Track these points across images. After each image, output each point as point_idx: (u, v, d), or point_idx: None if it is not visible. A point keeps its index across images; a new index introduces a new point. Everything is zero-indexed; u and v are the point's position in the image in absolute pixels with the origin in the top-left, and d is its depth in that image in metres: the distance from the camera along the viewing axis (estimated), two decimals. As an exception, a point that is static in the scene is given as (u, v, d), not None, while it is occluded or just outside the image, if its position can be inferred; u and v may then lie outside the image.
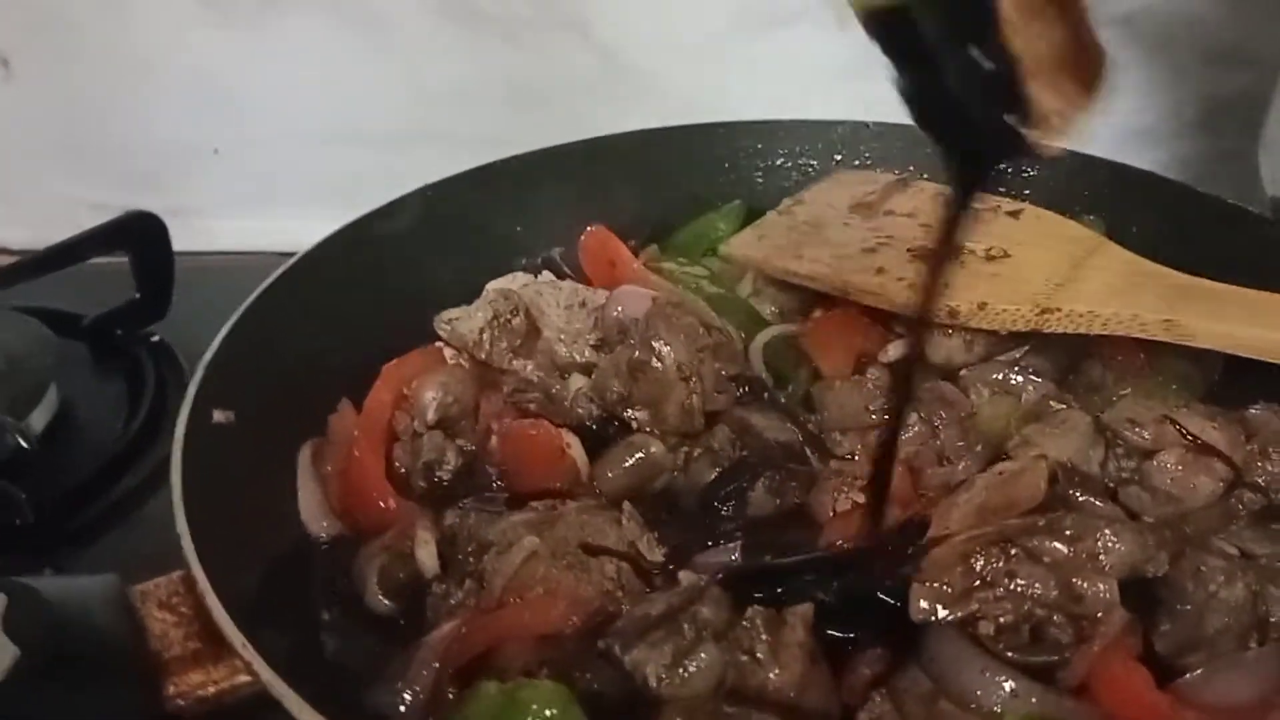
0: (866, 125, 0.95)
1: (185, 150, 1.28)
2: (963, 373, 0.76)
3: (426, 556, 0.63)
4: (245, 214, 1.28)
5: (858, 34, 1.24)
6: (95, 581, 0.56)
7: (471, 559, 0.62)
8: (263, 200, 1.27)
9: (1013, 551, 0.57)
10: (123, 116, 1.27)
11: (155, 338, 1.05)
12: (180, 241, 1.06)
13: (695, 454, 0.72)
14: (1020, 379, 0.74)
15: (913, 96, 0.53)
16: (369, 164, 1.22)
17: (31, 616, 0.51)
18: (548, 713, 0.52)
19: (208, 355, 0.68)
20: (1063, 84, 0.48)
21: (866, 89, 1.23)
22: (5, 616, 0.51)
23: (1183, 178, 1.23)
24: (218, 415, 0.66)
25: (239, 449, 0.66)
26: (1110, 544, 0.56)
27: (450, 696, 0.56)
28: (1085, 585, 0.56)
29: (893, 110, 1.02)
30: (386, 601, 0.63)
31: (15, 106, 1.27)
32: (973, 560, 0.57)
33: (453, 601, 0.61)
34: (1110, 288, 0.74)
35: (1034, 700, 0.53)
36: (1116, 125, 1.27)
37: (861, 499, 0.66)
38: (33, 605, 0.52)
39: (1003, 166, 0.53)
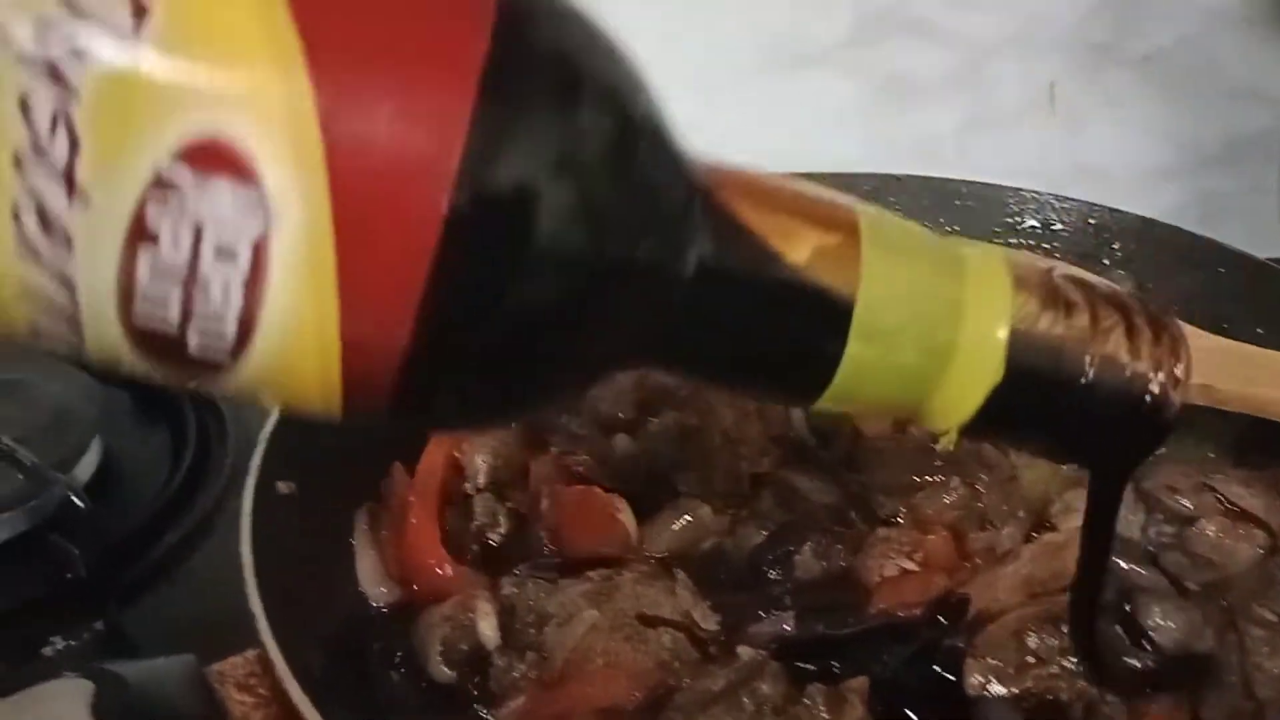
0: (896, 178, 0.97)
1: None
2: (1000, 433, 0.77)
3: (488, 629, 0.64)
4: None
5: (879, 75, 1.26)
6: (174, 663, 0.58)
7: (532, 630, 0.64)
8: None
9: (1065, 629, 0.59)
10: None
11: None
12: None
13: (742, 516, 0.73)
14: (1058, 440, 0.76)
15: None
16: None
17: (118, 702, 0.53)
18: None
19: (268, 427, 0.70)
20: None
21: (888, 129, 1.25)
22: (94, 704, 0.52)
23: (1203, 213, 1.26)
24: (282, 486, 0.67)
25: (302, 520, 0.67)
26: (1159, 622, 0.58)
27: (518, 772, 0.58)
28: (1137, 663, 0.57)
29: (917, 158, 1.04)
30: (449, 671, 0.65)
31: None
32: (1026, 637, 0.58)
33: (515, 674, 0.62)
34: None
35: (1089, 777, 0.55)
36: (1137, 163, 1.30)
37: (910, 565, 0.68)
38: (119, 690, 0.53)
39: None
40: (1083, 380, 0.45)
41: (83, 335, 0.36)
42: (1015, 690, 0.58)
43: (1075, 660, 0.58)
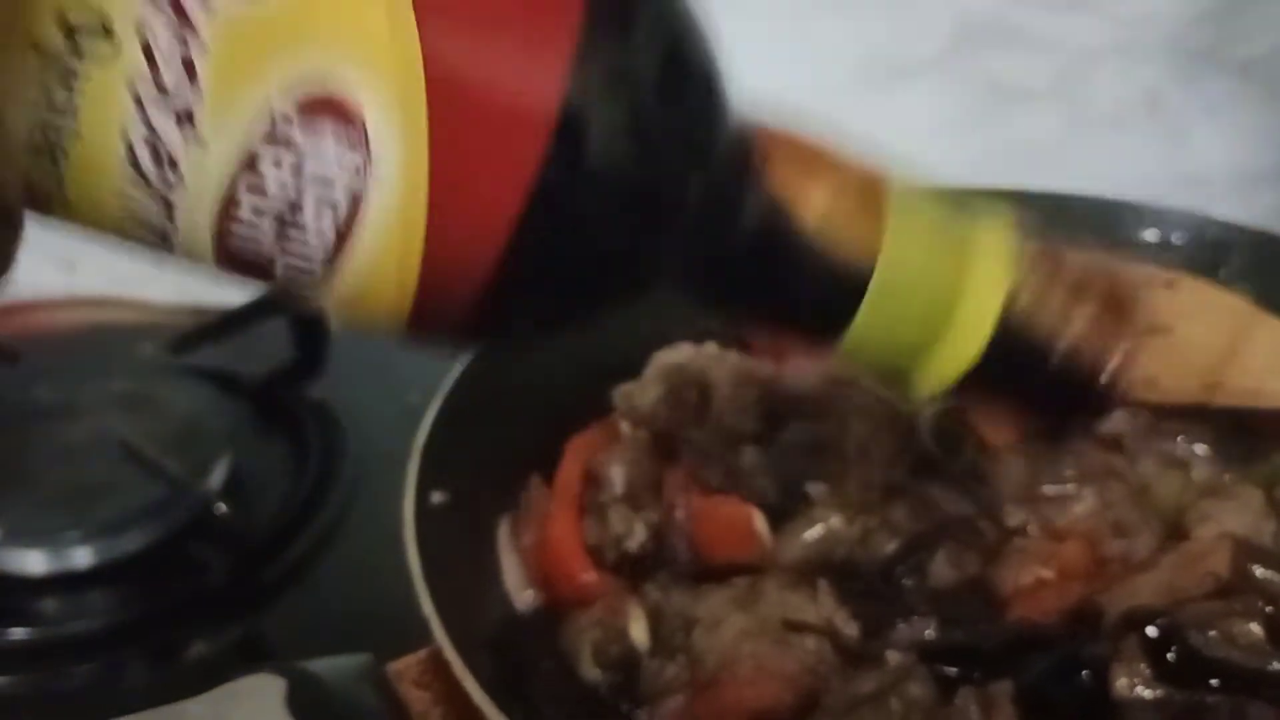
0: (1008, 192, 0.97)
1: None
2: (1126, 442, 0.78)
3: (639, 633, 0.67)
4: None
5: (979, 85, 1.27)
6: (354, 661, 0.61)
7: (680, 634, 0.66)
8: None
9: (1211, 633, 0.60)
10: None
11: (315, 397, 1.11)
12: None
13: (873, 525, 0.75)
14: (1186, 449, 0.77)
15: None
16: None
17: (311, 698, 0.56)
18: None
19: (421, 440, 0.73)
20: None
21: (988, 139, 1.26)
22: (288, 698, 0.56)
23: (1303, 216, 1.26)
24: (436, 496, 0.70)
25: (455, 528, 0.70)
26: (1309, 627, 0.59)
27: (677, 771, 0.60)
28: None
29: (1017, 167, 1.05)
30: (600, 672, 0.67)
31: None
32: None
33: (667, 676, 0.65)
34: (1271, 362, 0.76)
35: (1243, 781, 0.56)
36: (1235, 168, 1.30)
37: (1046, 574, 0.69)
38: (312, 687, 0.57)
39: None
40: (1051, 361, 0.51)
41: (171, 246, 0.39)
42: (1160, 694, 0.59)
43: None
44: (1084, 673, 0.62)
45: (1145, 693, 0.60)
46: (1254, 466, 0.77)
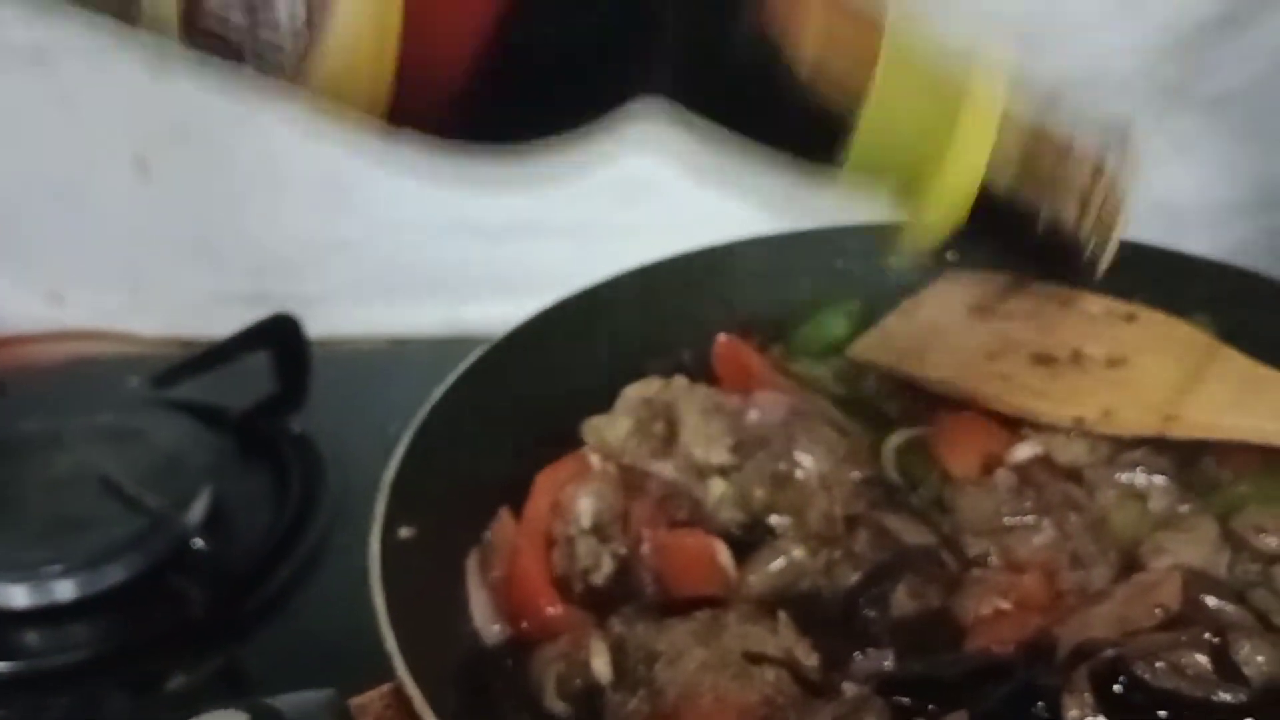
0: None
1: (308, 243, 1.36)
2: (1086, 473, 0.80)
3: (602, 666, 0.68)
4: (364, 302, 1.35)
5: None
6: (319, 697, 0.62)
7: (642, 667, 0.67)
8: (384, 289, 1.35)
9: (1158, 665, 0.61)
10: (250, 212, 1.35)
11: (296, 430, 1.12)
12: (309, 329, 1.13)
13: (836, 557, 0.76)
14: (1144, 480, 0.78)
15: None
16: (476, 254, 1.29)
17: (272, 734, 0.57)
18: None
19: (389, 476, 0.74)
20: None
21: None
22: (249, 735, 0.57)
23: (1272, 247, 1.27)
24: (403, 532, 0.71)
25: (422, 563, 0.71)
26: (1249, 657, 0.60)
27: (637, 803, 0.61)
28: (1229, 696, 0.59)
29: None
30: (563, 705, 0.68)
31: (150, 204, 1.35)
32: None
33: (629, 708, 0.66)
34: (1229, 395, 0.78)
35: (1188, 808, 0.57)
36: (1208, 200, 1.31)
37: (1004, 604, 0.70)
38: (272, 722, 0.58)
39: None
40: (1034, 228, 0.53)
41: (137, 14, 0.40)
42: (1112, 724, 0.60)
43: None
44: (1037, 704, 0.63)
45: (1096, 724, 0.61)
46: (1212, 498, 0.78)
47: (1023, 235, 0.53)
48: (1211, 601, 0.68)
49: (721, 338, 0.93)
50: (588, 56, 0.46)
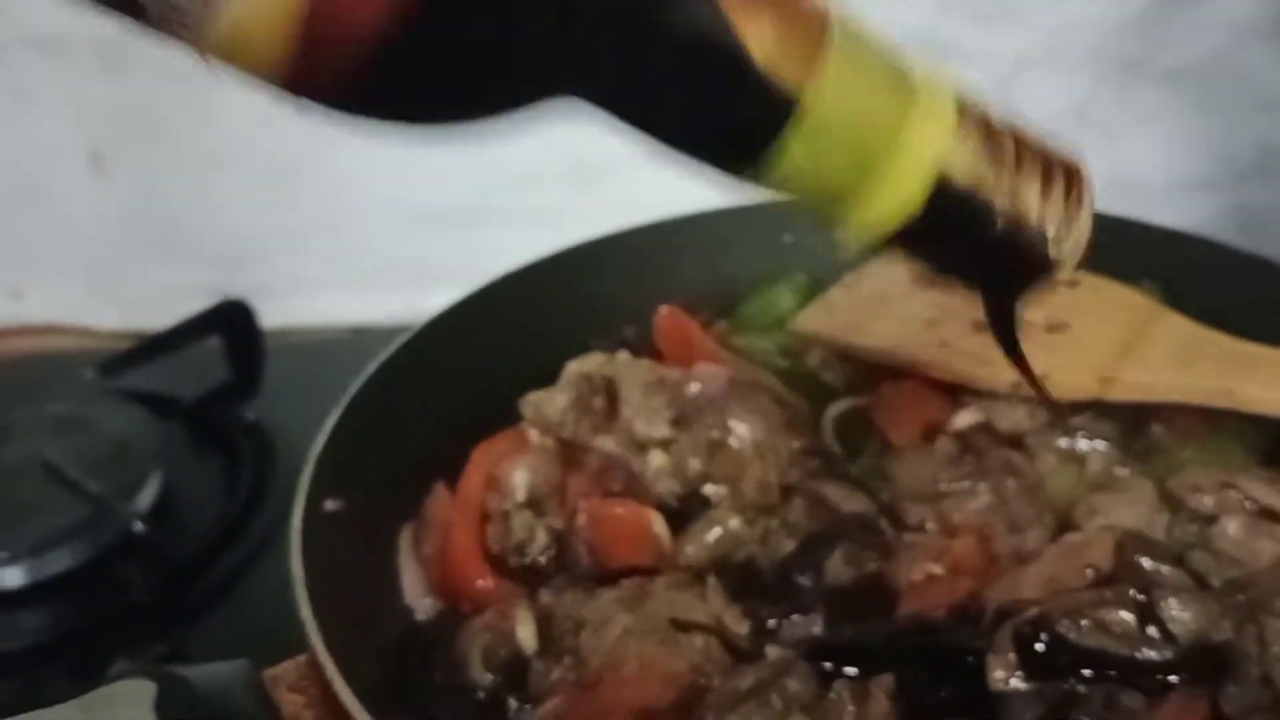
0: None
1: (265, 234, 1.36)
2: (1028, 439, 0.79)
3: (527, 635, 0.67)
4: (322, 291, 1.35)
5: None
6: (231, 667, 0.61)
7: (569, 635, 0.66)
8: (338, 278, 1.34)
9: (1083, 623, 0.60)
10: (207, 204, 1.35)
11: (249, 417, 1.11)
12: (264, 318, 1.12)
13: (773, 526, 0.75)
14: (1085, 445, 0.77)
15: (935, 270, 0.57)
16: (435, 243, 1.29)
17: (179, 701, 0.56)
18: (650, 785, 0.56)
19: (317, 449, 0.73)
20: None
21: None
22: (157, 702, 0.56)
23: (1238, 225, 1.27)
24: (329, 504, 0.71)
25: (350, 536, 0.71)
26: (1176, 614, 0.59)
27: (557, 769, 0.60)
28: (1155, 653, 0.59)
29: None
30: (490, 677, 0.67)
31: (106, 197, 1.35)
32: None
33: (553, 677, 0.65)
34: (1169, 357, 0.77)
35: (1109, 764, 0.57)
36: (1172, 177, 1.31)
37: (937, 569, 0.69)
38: (180, 690, 0.57)
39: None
40: (994, 225, 0.50)
41: None
42: (1036, 683, 0.59)
43: None
44: (962, 666, 0.62)
45: (1019, 685, 0.60)
46: (1155, 463, 0.77)
47: (980, 232, 0.50)
48: (1146, 563, 0.67)
49: (663, 310, 0.92)
50: (499, 43, 0.44)
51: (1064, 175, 0.52)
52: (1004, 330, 0.59)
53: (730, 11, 0.45)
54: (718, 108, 0.47)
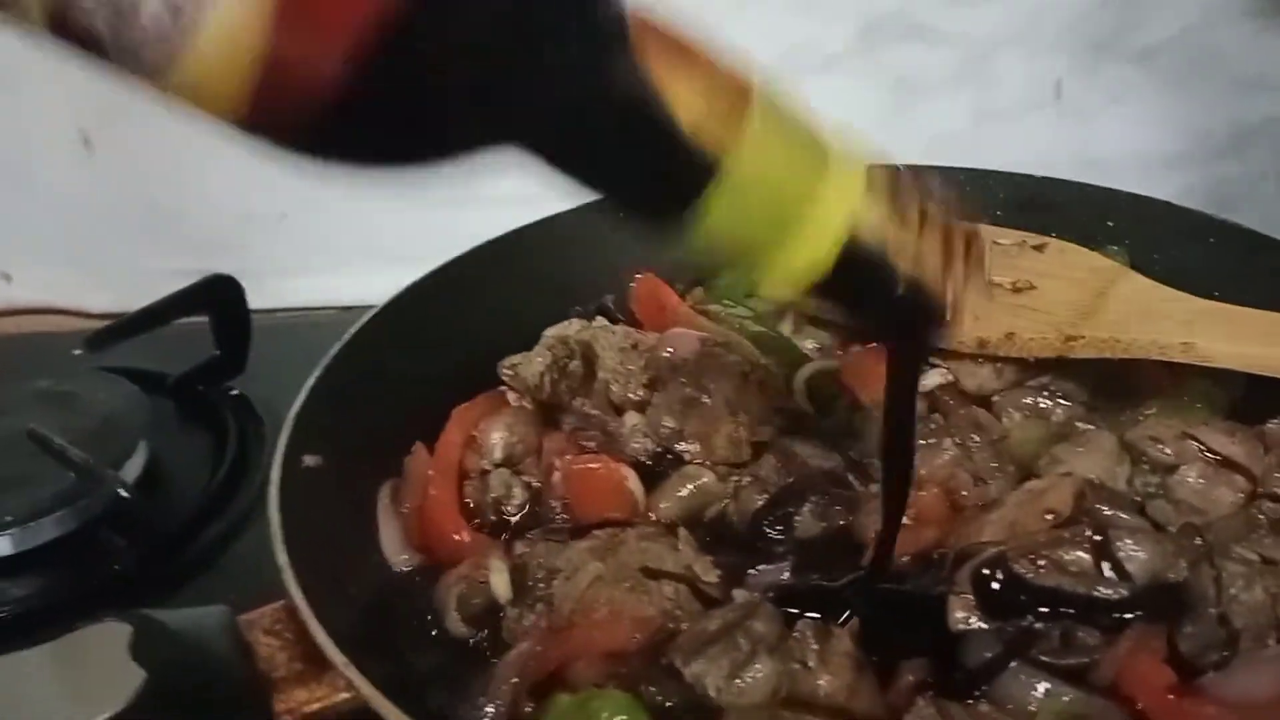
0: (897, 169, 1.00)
1: (253, 217, 1.37)
2: (995, 398, 0.81)
3: (500, 584, 0.68)
4: (309, 273, 1.36)
5: (889, 78, 1.30)
6: (207, 612, 0.62)
7: (541, 585, 0.68)
8: (326, 260, 1.35)
9: (1040, 563, 0.61)
10: (195, 188, 1.36)
11: (235, 392, 1.12)
12: (251, 300, 1.13)
13: (744, 482, 0.76)
14: (1049, 402, 0.79)
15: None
16: (420, 225, 1.30)
17: (155, 643, 0.58)
18: (617, 719, 0.57)
19: (296, 406, 0.75)
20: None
21: (901, 130, 1.28)
22: (132, 644, 0.57)
23: (1212, 201, 1.28)
24: (308, 460, 0.72)
25: (328, 491, 0.72)
26: (1131, 552, 0.61)
27: (528, 710, 0.62)
28: (1110, 592, 0.60)
29: (929, 156, 1.07)
30: (465, 626, 0.69)
31: (95, 182, 1.36)
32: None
33: (525, 624, 0.66)
34: (1131, 314, 0.79)
35: (1065, 699, 0.58)
36: (1145, 153, 1.32)
37: (903, 520, 0.71)
38: (156, 633, 0.58)
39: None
40: (896, 284, 0.53)
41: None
42: (995, 623, 0.61)
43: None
44: (924, 608, 0.64)
45: (979, 624, 0.62)
46: (1118, 418, 0.79)
47: (884, 290, 0.54)
48: (1104, 508, 0.68)
49: (639, 277, 0.93)
50: (445, 100, 0.46)
51: (964, 241, 0.55)
52: (901, 386, 0.61)
53: (660, 80, 0.48)
54: (646, 167, 0.50)
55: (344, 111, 0.43)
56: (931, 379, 0.81)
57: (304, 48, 0.41)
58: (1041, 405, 0.79)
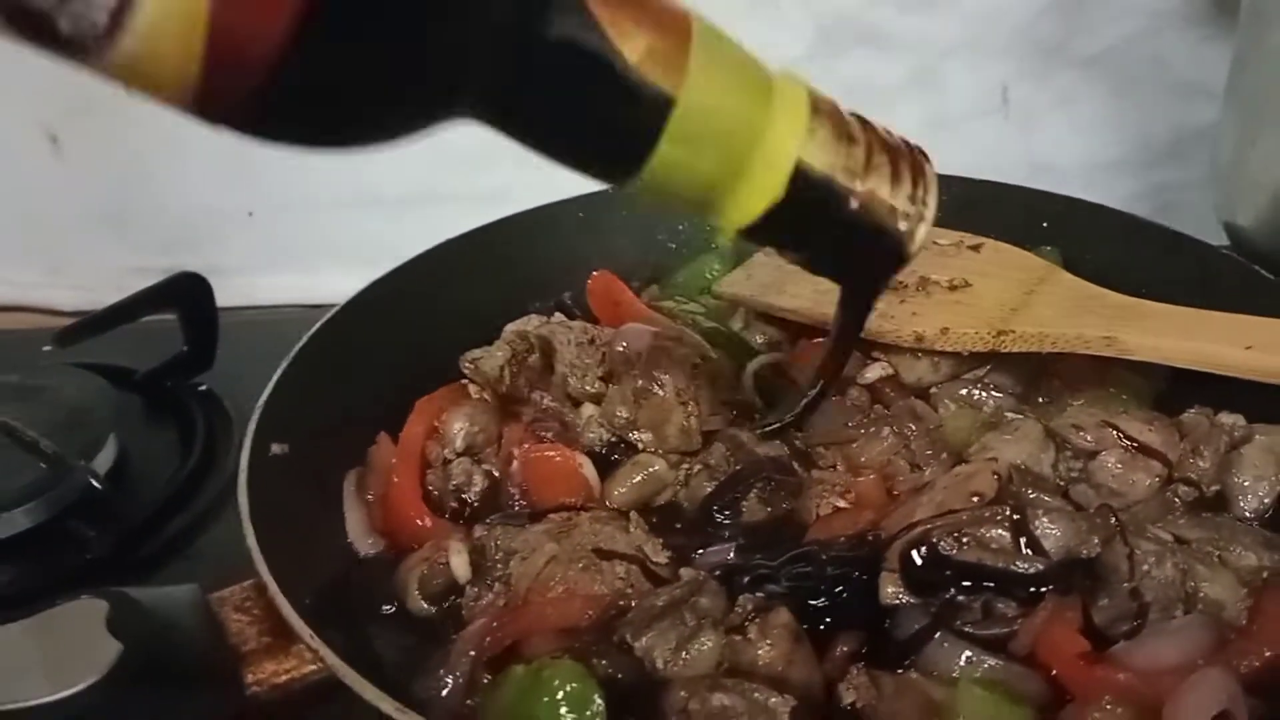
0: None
1: (220, 215, 1.39)
2: (932, 391, 0.85)
3: (460, 565, 0.72)
4: (275, 272, 1.39)
5: (839, 83, 1.33)
6: (180, 590, 0.66)
7: (499, 565, 0.71)
8: (291, 259, 1.38)
9: (965, 540, 0.66)
10: (162, 186, 1.38)
11: (203, 387, 1.15)
12: (219, 298, 1.16)
13: (695, 470, 0.80)
14: (983, 394, 0.83)
15: (802, 262, 0.61)
16: (387, 224, 1.33)
17: (130, 618, 0.61)
18: (568, 687, 0.61)
19: (264, 396, 0.78)
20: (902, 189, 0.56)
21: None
22: (109, 619, 0.60)
23: (1154, 206, 1.33)
24: (275, 448, 0.75)
25: (294, 477, 0.75)
26: (1047, 530, 0.65)
27: (485, 681, 0.65)
28: (1027, 566, 0.64)
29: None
30: (426, 606, 0.72)
31: (62, 180, 1.38)
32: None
33: (484, 602, 0.70)
34: (1058, 310, 0.83)
35: (986, 666, 0.62)
36: (1089, 158, 1.37)
37: (843, 503, 0.75)
38: (131, 609, 0.61)
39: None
40: (848, 209, 0.54)
41: None
42: (922, 597, 0.65)
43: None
44: (859, 584, 0.68)
45: (908, 599, 0.66)
46: (1048, 409, 0.83)
47: (836, 216, 0.55)
48: (1032, 494, 0.72)
49: (595, 274, 0.97)
50: (391, 59, 0.45)
51: (911, 164, 0.57)
52: (853, 317, 0.63)
53: (602, 21, 0.49)
54: (598, 109, 0.50)
55: (291, 82, 0.43)
56: (872, 372, 0.86)
57: (245, 14, 0.41)
58: (975, 396, 0.83)
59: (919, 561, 0.65)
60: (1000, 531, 0.65)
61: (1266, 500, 0.75)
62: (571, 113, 0.51)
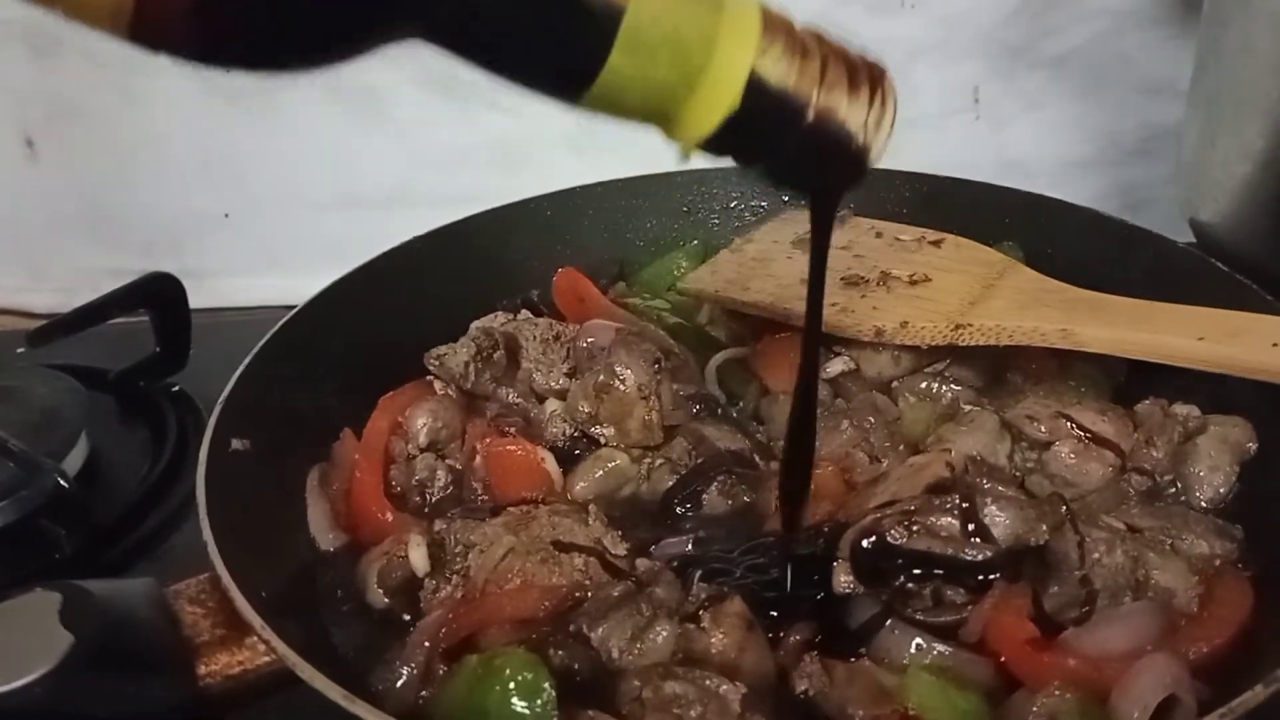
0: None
1: (197, 217, 1.40)
2: (894, 384, 0.86)
3: (419, 558, 0.72)
4: (252, 273, 1.39)
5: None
6: (135, 583, 0.66)
7: (458, 558, 0.72)
8: (268, 261, 1.39)
9: (914, 528, 0.66)
10: (138, 189, 1.39)
11: (175, 388, 1.15)
12: (194, 300, 1.16)
13: (656, 463, 0.81)
14: (944, 388, 0.84)
15: (761, 173, 0.60)
16: (363, 225, 1.33)
17: (83, 610, 0.61)
18: (520, 676, 0.61)
19: (225, 392, 0.78)
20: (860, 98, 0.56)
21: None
22: (61, 611, 0.60)
23: (1123, 203, 1.34)
24: (235, 443, 0.76)
25: (255, 472, 0.76)
26: (995, 518, 0.66)
27: (441, 672, 0.65)
28: (975, 554, 0.65)
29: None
30: (385, 599, 0.73)
31: (39, 183, 1.39)
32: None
33: (442, 595, 0.70)
34: (1015, 304, 0.84)
35: (936, 653, 0.63)
36: (1059, 156, 1.38)
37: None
38: (84, 601, 0.61)
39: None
40: (805, 119, 0.53)
41: None
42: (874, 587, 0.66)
43: None
44: (813, 573, 0.68)
45: (859, 587, 0.67)
46: (1005, 402, 0.84)
47: (793, 128, 0.54)
48: (987, 484, 0.73)
49: (561, 271, 0.98)
50: None
51: (869, 77, 0.56)
52: (821, 241, 0.64)
53: None
54: (549, 22, 0.50)
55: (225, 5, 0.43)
56: (834, 366, 0.86)
57: None
58: (936, 390, 0.84)
59: (869, 550, 0.65)
60: (949, 519, 0.66)
61: (1222, 490, 0.76)
62: (521, 26, 0.51)
